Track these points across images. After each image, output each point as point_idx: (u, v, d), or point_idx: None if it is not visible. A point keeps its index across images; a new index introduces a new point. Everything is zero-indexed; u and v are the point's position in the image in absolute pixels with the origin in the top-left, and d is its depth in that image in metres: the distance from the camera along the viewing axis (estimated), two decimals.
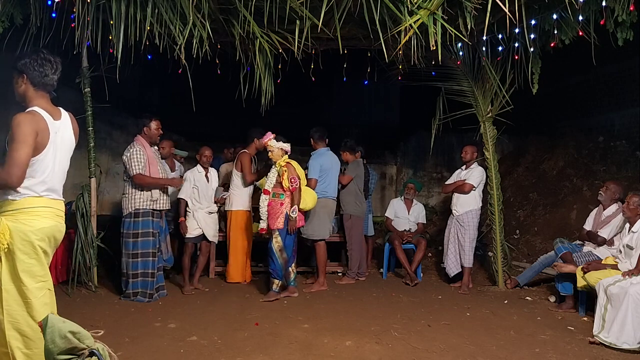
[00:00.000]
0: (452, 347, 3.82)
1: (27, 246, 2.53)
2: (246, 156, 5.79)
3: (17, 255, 2.51)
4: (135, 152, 4.84)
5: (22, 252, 2.52)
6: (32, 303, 2.51)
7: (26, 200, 2.55)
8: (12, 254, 2.50)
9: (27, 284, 2.51)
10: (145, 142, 4.96)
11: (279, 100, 5.10)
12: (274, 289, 5.14)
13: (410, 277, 6.08)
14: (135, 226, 4.86)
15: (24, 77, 2.63)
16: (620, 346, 3.86)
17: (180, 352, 3.57)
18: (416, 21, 4.11)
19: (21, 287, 2.51)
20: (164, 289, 5.16)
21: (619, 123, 7.23)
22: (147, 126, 4.96)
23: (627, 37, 4.69)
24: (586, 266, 4.62)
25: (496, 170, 5.91)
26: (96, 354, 2.30)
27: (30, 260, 2.53)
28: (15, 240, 2.50)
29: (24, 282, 2.51)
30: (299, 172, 5.22)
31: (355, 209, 6.14)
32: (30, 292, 2.52)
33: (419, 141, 9.06)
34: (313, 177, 5.62)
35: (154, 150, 5.09)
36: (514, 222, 7.37)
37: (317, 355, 3.59)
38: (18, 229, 2.52)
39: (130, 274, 4.86)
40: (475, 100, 5.90)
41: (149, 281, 4.90)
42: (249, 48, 4.92)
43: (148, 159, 4.89)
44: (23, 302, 2.51)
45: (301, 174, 5.27)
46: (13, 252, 2.50)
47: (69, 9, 4.49)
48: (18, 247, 2.50)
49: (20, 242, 2.51)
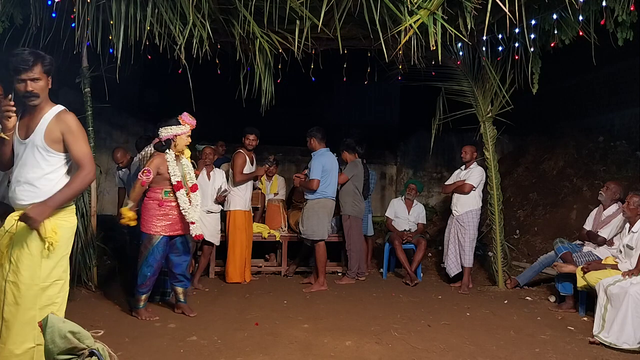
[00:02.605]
0: (452, 347, 3.82)
1: (68, 243, 2.68)
2: (239, 156, 5.80)
3: (57, 253, 2.62)
4: (147, 154, 4.91)
5: (63, 250, 2.65)
6: (65, 297, 2.67)
7: None
8: (55, 251, 2.60)
9: (65, 279, 2.67)
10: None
11: (279, 100, 5.10)
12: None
13: (410, 277, 6.08)
14: None
15: (49, 77, 2.67)
16: (620, 346, 3.86)
17: (180, 352, 3.57)
18: (416, 21, 4.11)
19: (58, 284, 2.63)
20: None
21: (619, 123, 7.23)
22: None
23: (627, 37, 4.69)
24: (586, 266, 4.62)
25: (496, 170, 5.91)
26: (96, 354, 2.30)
27: (67, 257, 2.69)
28: (61, 238, 2.62)
29: (62, 278, 2.66)
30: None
31: (353, 209, 6.13)
32: (64, 288, 2.67)
33: (419, 141, 9.07)
34: (316, 178, 5.60)
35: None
36: (514, 222, 7.37)
37: (317, 355, 3.59)
38: (63, 226, 2.65)
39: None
40: (475, 100, 5.90)
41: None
42: (249, 48, 4.91)
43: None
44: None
45: None
46: (56, 250, 2.61)
47: (69, 9, 4.48)
48: (60, 245, 2.62)
49: (62, 240, 2.63)
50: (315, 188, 5.58)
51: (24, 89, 2.57)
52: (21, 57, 2.55)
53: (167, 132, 4.33)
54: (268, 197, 6.84)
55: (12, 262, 2.53)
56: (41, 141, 2.63)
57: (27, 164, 2.64)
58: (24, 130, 2.68)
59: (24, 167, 2.65)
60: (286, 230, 6.59)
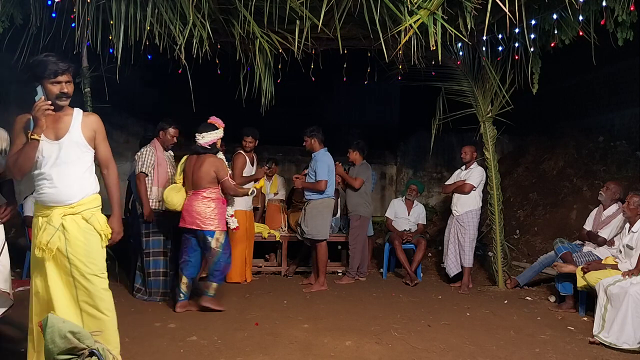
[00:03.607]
0: (452, 347, 3.82)
1: (106, 240, 2.83)
2: (239, 158, 5.80)
3: (103, 245, 2.83)
4: (146, 152, 4.96)
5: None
6: None
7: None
8: (103, 243, 2.82)
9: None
10: (158, 145, 5.06)
11: (279, 100, 5.10)
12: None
13: (410, 277, 6.08)
14: (146, 226, 4.92)
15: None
16: (620, 346, 3.86)
17: (180, 352, 3.57)
18: (416, 21, 4.11)
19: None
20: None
21: (619, 123, 7.22)
22: (164, 130, 5.04)
23: (627, 37, 4.69)
24: (586, 266, 4.62)
25: (496, 170, 5.91)
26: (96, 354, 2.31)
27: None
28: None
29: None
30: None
31: (365, 210, 6.18)
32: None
33: (419, 141, 9.06)
34: (324, 179, 5.60)
35: (167, 155, 5.15)
36: (514, 222, 7.37)
37: (317, 355, 3.59)
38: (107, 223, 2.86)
39: (145, 272, 4.94)
40: (475, 100, 5.90)
41: (161, 280, 4.94)
42: (249, 48, 4.92)
43: (157, 160, 4.97)
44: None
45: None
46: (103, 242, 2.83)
47: (69, 9, 4.48)
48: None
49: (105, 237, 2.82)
50: (324, 189, 5.59)
51: (59, 90, 2.68)
52: (58, 60, 2.67)
53: (212, 136, 4.63)
54: (268, 197, 6.84)
55: (71, 258, 2.68)
56: (81, 139, 2.76)
57: (67, 162, 2.72)
58: (50, 131, 2.71)
59: (63, 166, 2.70)
60: (286, 230, 6.59)
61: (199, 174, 4.55)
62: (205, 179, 4.54)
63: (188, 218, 4.52)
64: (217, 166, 4.59)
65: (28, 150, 2.65)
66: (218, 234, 4.52)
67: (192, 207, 4.52)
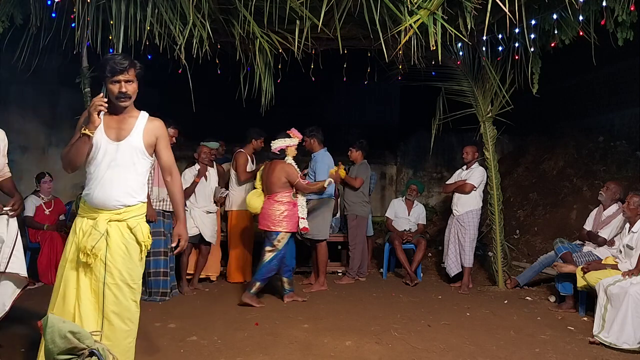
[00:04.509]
0: (452, 347, 3.82)
1: (145, 251, 2.74)
2: (242, 155, 5.83)
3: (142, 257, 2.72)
4: None
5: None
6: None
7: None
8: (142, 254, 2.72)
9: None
10: None
11: (279, 100, 5.10)
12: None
13: (410, 277, 6.08)
14: None
15: (138, 82, 2.72)
16: (620, 346, 3.86)
17: (180, 352, 3.57)
18: (416, 21, 4.10)
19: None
20: (176, 288, 5.21)
21: (619, 123, 7.22)
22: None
23: (627, 37, 4.69)
24: (586, 266, 4.62)
25: (496, 170, 5.91)
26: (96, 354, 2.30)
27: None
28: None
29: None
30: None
31: (362, 209, 6.19)
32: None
33: (419, 141, 9.05)
34: (323, 179, 5.59)
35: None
36: (514, 222, 7.37)
37: (317, 355, 3.59)
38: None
39: (145, 272, 4.91)
40: (475, 100, 5.90)
41: (161, 280, 4.93)
42: (249, 48, 4.91)
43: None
44: None
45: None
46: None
47: (69, 9, 4.48)
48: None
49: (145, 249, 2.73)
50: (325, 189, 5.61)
51: (118, 90, 2.59)
52: (117, 59, 2.59)
53: (280, 143, 4.98)
54: None
55: (108, 265, 2.57)
56: (140, 144, 2.66)
57: (122, 165, 2.62)
58: (113, 131, 2.64)
59: (116, 169, 2.62)
60: None
61: (271, 180, 4.92)
62: (276, 184, 4.89)
63: (262, 220, 4.94)
64: (287, 171, 4.91)
65: (79, 145, 2.58)
66: (282, 235, 4.85)
67: (264, 211, 4.93)
